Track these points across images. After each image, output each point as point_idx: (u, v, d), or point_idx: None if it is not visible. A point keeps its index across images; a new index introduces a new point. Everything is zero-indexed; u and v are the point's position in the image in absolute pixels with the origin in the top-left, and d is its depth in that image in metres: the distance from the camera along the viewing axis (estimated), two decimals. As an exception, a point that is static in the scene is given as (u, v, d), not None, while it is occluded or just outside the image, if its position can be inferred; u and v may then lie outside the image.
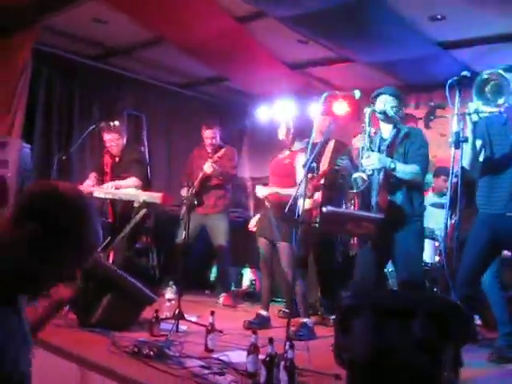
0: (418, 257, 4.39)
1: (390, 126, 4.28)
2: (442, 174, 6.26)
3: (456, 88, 3.42)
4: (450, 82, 3.42)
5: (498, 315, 4.33)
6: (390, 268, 5.43)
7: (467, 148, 3.74)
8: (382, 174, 4.09)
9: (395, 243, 4.09)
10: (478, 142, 3.96)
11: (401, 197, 4.08)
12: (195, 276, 6.96)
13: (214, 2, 5.84)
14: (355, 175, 4.01)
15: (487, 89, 3.57)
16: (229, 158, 6.44)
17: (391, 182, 4.07)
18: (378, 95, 4.33)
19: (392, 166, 4.05)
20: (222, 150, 6.11)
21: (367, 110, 4.18)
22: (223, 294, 6.39)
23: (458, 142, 3.38)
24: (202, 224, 6.37)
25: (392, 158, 4.11)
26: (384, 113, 4.22)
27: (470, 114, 3.61)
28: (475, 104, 3.56)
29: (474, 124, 3.72)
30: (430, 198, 6.28)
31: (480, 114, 3.64)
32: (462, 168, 3.69)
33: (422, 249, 4.53)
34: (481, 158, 4.01)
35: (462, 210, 3.44)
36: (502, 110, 3.58)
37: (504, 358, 4.16)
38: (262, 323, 5.00)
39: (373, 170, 4.07)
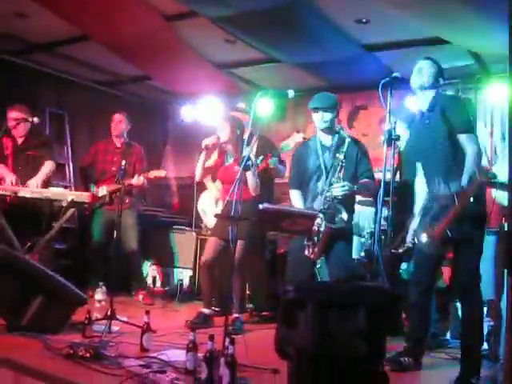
0: (350, 259, 4.70)
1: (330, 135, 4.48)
2: None
3: (388, 88, 3.54)
4: (382, 82, 3.54)
5: None
6: (318, 265, 5.55)
7: None
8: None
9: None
10: None
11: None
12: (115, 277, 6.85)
13: (140, 0, 5.78)
14: None
15: None
16: (139, 159, 6.49)
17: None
18: (315, 109, 4.52)
19: (354, 188, 4.35)
20: (124, 162, 5.33)
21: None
22: (142, 293, 6.41)
23: (390, 140, 3.51)
24: (110, 220, 6.17)
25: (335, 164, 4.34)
26: (329, 128, 4.51)
27: None
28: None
29: None
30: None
31: None
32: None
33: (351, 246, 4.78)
34: None
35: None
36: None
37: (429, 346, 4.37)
38: (204, 321, 5.02)
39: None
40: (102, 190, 6.23)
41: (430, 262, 3.94)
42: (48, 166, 5.91)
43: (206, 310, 5.20)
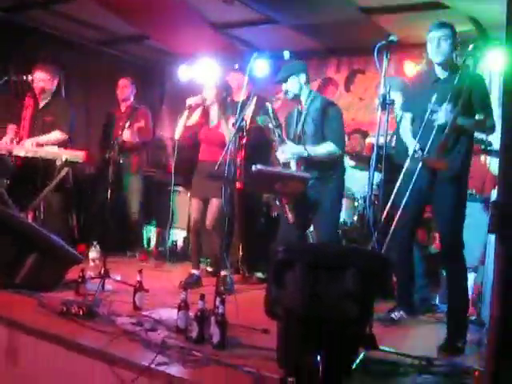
0: (335, 217, 4.70)
1: (305, 98, 4.50)
2: (356, 134, 6.47)
3: (384, 52, 3.52)
4: (378, 45, 3.51)
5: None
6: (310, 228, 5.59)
7: None
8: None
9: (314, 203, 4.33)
10: None
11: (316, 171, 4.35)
12: (115, 236, 6.89)
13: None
14: None
15: None
16: (145, 120, 6.60)
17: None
18: (286, 78, 4.55)
19: (305, 154, 4.37)
20: (127, 123, 5.86)
21: (268, 105, 4.52)
22: (139, 251, 6.62)
23: (385, 105, 3.50)
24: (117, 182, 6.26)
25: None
26: (297, 95, 4.55)
27: None
28: None
29: None
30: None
31: None
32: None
33: (339, 210, 4.79)
34: None
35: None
36: None
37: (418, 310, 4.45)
38: (196, 282, 5.10)
39: None
40: (109, 152, 6.22)
41: (410, 217, 3.97)
42: (54, 136, 5.83)
43: (195, 271, 5.28)
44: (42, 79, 5.88)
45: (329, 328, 2.50)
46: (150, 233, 7.53)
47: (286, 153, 4.39)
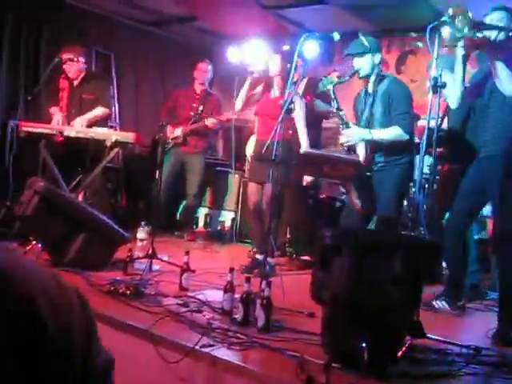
0: (396, 205, 4.45)
1: (374, 78, 4.36)
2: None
3: (436, 33, 3.41)
4: (430, 26, 3.41)
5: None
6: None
7: (456, 84, 3.77)
8: None
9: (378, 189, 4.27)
10: None
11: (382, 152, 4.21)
12: (164, 216, 6.94)
13: None
14: None
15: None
16: (216, 107, 6.78)
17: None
18: (362, 54, 4.39)
19: (369, 137, 4.22)
20: (201, 107, 6.64)
21: (329, 87, 4.33)
22: (188, 232, 6.73)
23: (436, 87, 3.41)
24: (181, 161, 6.68)
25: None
26: (368, 75, 4.41)
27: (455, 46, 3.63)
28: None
29: (464, 57, 3.75)
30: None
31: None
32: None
33: (399, 193, 4.53)
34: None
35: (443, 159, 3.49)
36: None
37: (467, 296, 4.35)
38: (257, 267, 5.04)
39: None
40: (178, 131, 6.62)
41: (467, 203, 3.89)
42: (99, 111, 5.95)
43: (259, 256, 5.12)
44: (69, 59, 5.94)
45: (375, 314, 2.46)
46: (199, 214, 7.57)
47: (350, 137, 4.28)
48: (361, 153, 4.21)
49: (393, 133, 4.24)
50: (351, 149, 4.29)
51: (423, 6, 6.25)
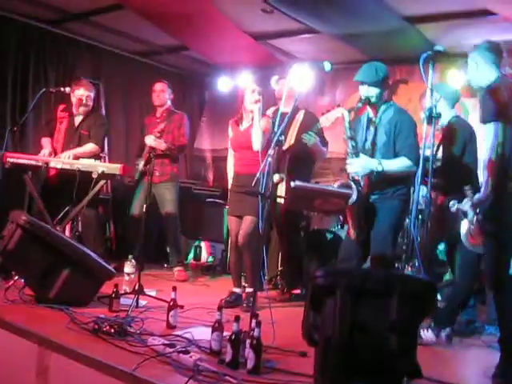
0: (392, 238, 4.19)
1: (379, 105, 4.18)
2: None
3: (429, 62, 3.35)
4: (424, 56, 3.34)
5: None
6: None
7: None
8: None
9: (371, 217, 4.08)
10: None
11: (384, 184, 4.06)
12: (152, 249, 6.81)
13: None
14: None
15: None
16: (178, 125, 6.28)
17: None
18: (376, 83, 4.11)
19: (379, 169, 3.99)
20: (162, 125, 5.97)
21: (345, 114, 4.08)
22: (177, 269, 6.24)
23: (431, 118, 3.33)
24: (152, 193, 6.00)
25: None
26: (368, 102, 4.15)
27: None
28: None
29: None
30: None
31: None
32: None
33: (396, 227, 4.26)
34: None
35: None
36: None
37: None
38: (236, 300, 4.95)
39: None
40: (140, 162, 6.18)
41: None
42: (88, 147, 5.77)
43: (236, 290, 5.06)
44: (84, 95, 5.84)
45: (370, 360, 2.33)
46: (189, 246, 7.43)
47: (357, 167, 4.05)
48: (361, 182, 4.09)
49: (402, 164, 4.00)
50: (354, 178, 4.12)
51: (414, 36, 6.22)
